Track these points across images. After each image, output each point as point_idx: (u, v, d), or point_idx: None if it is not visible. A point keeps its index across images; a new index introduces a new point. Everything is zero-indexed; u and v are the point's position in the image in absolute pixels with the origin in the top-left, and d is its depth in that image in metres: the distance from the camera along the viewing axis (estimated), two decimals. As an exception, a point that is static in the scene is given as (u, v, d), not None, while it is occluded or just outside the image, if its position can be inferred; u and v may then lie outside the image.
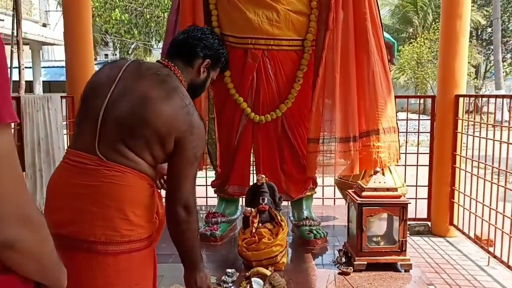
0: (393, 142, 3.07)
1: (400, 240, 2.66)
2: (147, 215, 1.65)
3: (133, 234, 1.58)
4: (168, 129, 1.63)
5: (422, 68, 20.29)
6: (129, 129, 1.62)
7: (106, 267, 1.56)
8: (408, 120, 4.82)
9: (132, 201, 1.60)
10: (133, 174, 1.62)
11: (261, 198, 2.79)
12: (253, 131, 3.18)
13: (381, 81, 3.01)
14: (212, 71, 1.94)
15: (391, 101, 3.06)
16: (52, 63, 20.48)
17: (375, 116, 3.00)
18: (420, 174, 4.62)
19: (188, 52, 1.85)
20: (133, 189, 1.61)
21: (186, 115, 1.66)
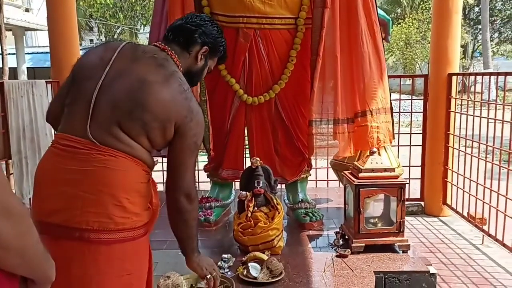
0: (387, 123, 3.02)
1: (397, 221, 2.63)
2: (142, 202, 1.59)
3: (127, 222, 1.52)
4: (168, 114, 1.60)
5: (411, 49, 20.29)
6: (127, 112, 1.56)
7: (98, 256, 1.49)
8: (401, 100, 4.78)
9: (126, 187, 1.54)
10: (128, 159, 1.56)
11: (256, 181, 2.73)
12: (246, 113, 3.11)
13: (376, 61, 2.96)
14: (209, 60, 1.89)
15: (385, 81, 3.01)
16: (36, 49, 20.05)
17: (370, 96, 2.95)
18: (413, 154, 4.60)
19: (186, 37, 1.80)
20: (127, 174, 1.55)
21: (185, 100, 1.63)
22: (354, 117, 2.98)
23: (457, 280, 3.15)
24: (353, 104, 2.97)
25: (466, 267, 3.37)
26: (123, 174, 1.54)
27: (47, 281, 0.91)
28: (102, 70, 1.59)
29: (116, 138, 1.55)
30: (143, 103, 1.57)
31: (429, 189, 4.64)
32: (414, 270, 2.43)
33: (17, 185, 3.67)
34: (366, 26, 2.93)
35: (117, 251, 1.52)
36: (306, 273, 2.40)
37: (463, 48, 20.79)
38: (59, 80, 4.44)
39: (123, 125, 1.56)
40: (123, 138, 1.56)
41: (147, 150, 1.63)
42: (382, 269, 2.43)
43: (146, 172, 1.62)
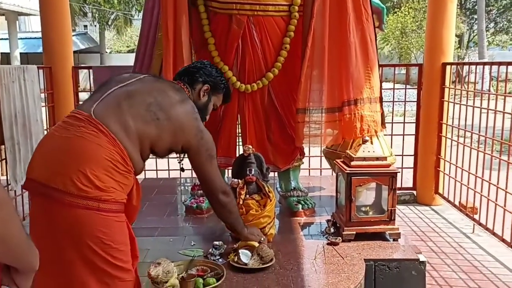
0: (376, 112, 3.02)
1: (389, 210, 2.64)
2: (110, 181, 1.67)
3: (90, 192, 1.61)
4: (181, 123, 1.92)
5: (406, 38, 20.24)
6: (144, 103, 1.85)
7: (65, 215, 1.61)
8: (395, 89, 4.78)
9: (93, 160, 1.65)
10: (108, 139, 1.69)
11: (248, 169, 2.72)
12: (239, 101, 3.09)
13: (362, 51, 2.95)
14: (213, 96, 2.25)
15: (375, 72, 3.00)
16: (30, 34, 19.85)
17: (354, 86, 2.95)
18: (406, 143, 4.61)
19: (190, 77, 2.19)
20: (99, 149, 1.67)
21: (195, 120, 1.99)
22: (341, 106, 2.98)
23: (447, 268, 3.18)
24: (339, 94, 2.97)
25: (457, 256, 3.40)
26: (95, 147, 1.66)
27: (31, 270, 0.89)
28: (127, 80, 1.91)
29: (118, 122, 1.74)
30: (160, 103, 1.87)
31: (421, 178, 4.66)
32: (404, 258, 2.45)
33: (11, 170, 3.65)
34: (355, 16, 2.92)
35: (83, 217, 1.61)
36: (297, 260, 2.41)
37: (458, 38, 20.79)
38: (51, 66, 4.41)
39: (134, 112, 1.79)
40: (125, 124, 1.75)
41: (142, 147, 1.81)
42: (373, 256, 2.45)
43: (122, 159, 1.72)
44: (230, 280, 2.18)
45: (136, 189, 1.86)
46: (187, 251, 2.54)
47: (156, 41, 3.06)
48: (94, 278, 1.66)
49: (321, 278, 2.22)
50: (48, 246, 1.59)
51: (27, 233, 0.85)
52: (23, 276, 0.88)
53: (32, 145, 3.81)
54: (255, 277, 2.22)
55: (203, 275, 2.14)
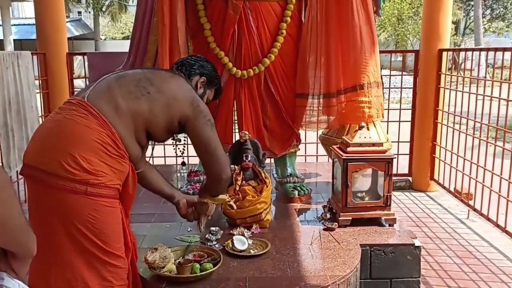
0: (378, 97, 3.01)
1: (384, 195, 2.65)
2: (99, 165, 1.67)
3: (77, 174, 1.62)
4: (174, 94, 1.90)
5: (403, 25, 20.17)
6: (134, 80, 1.84)
7: (53, 199, 1.64)
8: (391, 76, 4.77)
9: (81, 142, 1.65)
10: (98, 121, 1.69)
11: (245, 155, 2.72)
12: (235, 87, 3.07)
13: (366, 35, 2.92)
14: (208, 90, 2.25)
15: (376, 55, 2.98)
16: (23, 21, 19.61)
17: (360, 70, 2.93)
18: (402, 130, 4.62)
19: (187, 68, 2.18)
20: (87, 131, 1.67)
21: (189, 90, 1.99)
22: (346, 91, 2.96)
23: (442, 253, 3.21)
24: (344, 78, 2.95)
25: (451, 241, 3.43)
26: (84, 130, 1.67)
27: (29, 255, 0.89)
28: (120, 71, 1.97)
29: (110, 103, 1.74)
30: (149, 77, 1.88)
31: (417, 165, 4.68)
32: (399, 243, 2.46)
33: (5, 157, 3.63)
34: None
35: (71, 201, 1.63)
36: (293, 246, 2.42)
37: (454, 25, 20.74)
38: (45, 52, 4.37)
39: (124, 90, 1.79)
40: (116, 104, 1.74)
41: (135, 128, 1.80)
42: (368, 242, 2.46)
43: (113, 142, 1.72)
44: (227, 265, 2.19)
45: (132, 177, 1.85)
46: (184, 237, 2.55)
47: (151, 26, 3.03)
48: (84, 262, 1.67)
49: (318, 263, 2.24)
50: (40, 229, 1.60)
51: (26, 218, 0.84)
52: (20, 261, 0.88)
53: (27, 132, 3.79)
54: (252, 262, 2.23)
55: (199, 261, 2.15)
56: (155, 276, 2.06)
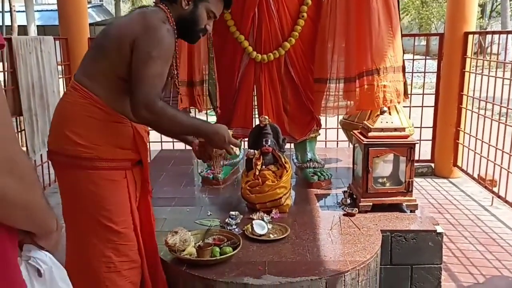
0: (395, 82, 2.95)
1: (406, 181, 2.61)
2: (91, 136, 1.69)
3: (71, 149, 1.69)
4: (121, 32, 1.69)
5: (427, 8, 19.70)
6: (96, 45, 1.77)
7: (60, 176, 1.76)
8: (414, 60, 4.67)
9: (71, 118, 1.71)
10: (79, 93, 1.71)
11: (265, 140, 2.71)
12: (255, 71, 3.05)
13: (384, 19, 2.86)
14: (202, 2, 1.84)
15: (396, 40, 2.92)
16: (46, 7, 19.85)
17: (376, 55, 2.87)
18: (425, 116, 4.53)
19: None
20: (74, 107, 1.71)
21: (141, 18, 1.71)
22: (361, 76, 2.91)
23: (464, 240, 3.16)
24: (360, 62, 2.90)
25: (474, 228, 3.37)
26: (70, 106, 1.72)
27: (48, 233, 0.91)
28: None
29: (84, 73, 1.75)
30: (106, 31, 1.76)
31: (440, 151, 4.60)
32: (421, 229, 2.43)
33: (29, 141, 3.69)
34: None
35: (71, 175, 1.71)
36: (313, 231, 2.41)
37: (481, 8, 20.16)
38: (67, 37, 4.41)
39: (92, 57, 1.76)
40: (89, 71, 1.74)
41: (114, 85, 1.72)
42: (389, 228, 2.43)
43: (98, 109, 1.71)
44: (247, 249, 2.19)
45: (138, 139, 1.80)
46: (204, 220, 2.56)
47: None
48: (86, 236, 1.74)
49: (337, 248, 2.22)
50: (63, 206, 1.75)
51: (47, 200, 0.85)
52: (42, 238, 0.90)
53: (49, 116, 3.85)
54: (271, 246, 2.23)
55: (219, 244, 2.16)
56: (175, 259, 2.08)
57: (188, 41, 2.02)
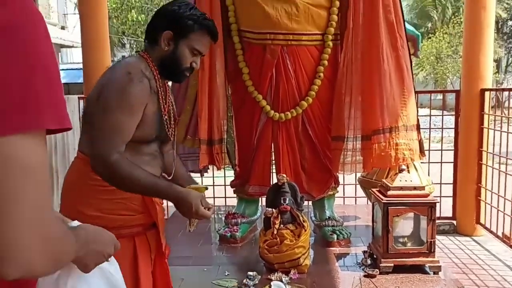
0: (412, 140, 2.97)
1: (428, 241, 2.55)
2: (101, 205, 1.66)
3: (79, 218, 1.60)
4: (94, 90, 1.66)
5: (442, 63, 19.95)
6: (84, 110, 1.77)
7: None
8: (431, 116, 4.69)
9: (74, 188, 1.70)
10: (82, 161, 1.69)
11: (283, 198, 2.70)
12: (273, 129, 3.10)
13: (396, 80, 2.94)
14: (182, 40, 1.75)
15: (408, 100, 2.98)
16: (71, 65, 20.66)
17: (389, 113, 2.93)
18: (444, 171, 4.49)
19: (149, 31, 1.80)
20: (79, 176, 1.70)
21: (109, 71, 1.69)
22: (374, 134, 2.95)
23: (492, 304, 3.03)
24: (373, 121, 2.95)
25: (501, 290, 3.24)
26: (76, 176, 1.71)
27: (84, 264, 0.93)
28: None
29: (84, 141, 1.72)
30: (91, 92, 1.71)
31: (461, 208, 4.50)
32: (445, 292, 2.35)
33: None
34: (389, 43, 2.93)
35: None
36: (333, 293, 2.35)
37: (496, 63, 20.33)
38: (91, 96, 4.55)
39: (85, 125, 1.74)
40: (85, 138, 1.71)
41: None
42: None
43: None
44: (265, 312, 2.14)
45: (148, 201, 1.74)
46: (221, 281, 2.52)
47: (191, 71, 3.12)
48: None
49: (358, 312, 2.15)
50: None
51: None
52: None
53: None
54: (290, 309, 2.17)
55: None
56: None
57: (174, 81, 1.98)
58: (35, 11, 0.64)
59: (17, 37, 0.59)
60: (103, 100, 1.60)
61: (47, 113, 0.61)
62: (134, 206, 1.72)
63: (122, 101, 1.60)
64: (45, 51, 0.64)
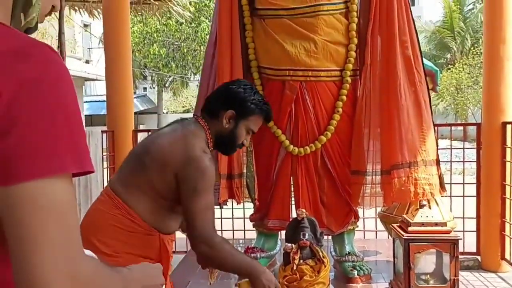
0: (432, 175, 2.96)
1: (451, 279, 2.50)
2: (115, 245, 1.71)
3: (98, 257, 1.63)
4: (164, 156, 1.77)
5: (462, 94, 19.83)
6: (136, 157, 1.85)
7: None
8: (452, 148, 4.65)
9: (98, 225, 1.73)
10: (113, 201, 1.75)
11: (302, 233, 2.69)
12: (292, 164, 3.12)
13: (416, 113, 2.96)
14: (242, 120, 1.95)
15: (430, 133, 2.99)
16: (94, 98, 21.21)
17: (410, 148, 2.94)
18: (467, 204, 4.41)
19: (212, 105, 1.97)
20: (104, 214, 1.74)
21: (184, 146, 1.78)
22: (393, 169, 2.95)
23: None
24: (392, 156, 2.96)
25: (530, 330, 3.12)
26: (101, 214, 1.75)
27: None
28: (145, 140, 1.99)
29: (121, 183, 1.79)
30: (146, 145, 1.87)
31: (485, 243, 4.40)
32: (470, 333, 2.28)
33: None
34: (407, 79, 2.96)
35: None
36: (353, 332, 2.31)
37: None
38: (114, 130, 4.66)
39: (131, 169, 1.82)
40: (127, 183, 1.78)
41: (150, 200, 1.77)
42: (436, 330, 2.30)
43: (130, 220, 1.73)
44: None
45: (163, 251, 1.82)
46: (240, 317, 2.49)
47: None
48: None
49: None
50: None
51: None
52: None
53: (92, 206, 3.98)
54: None
55: None
56: None
57: (224, 153, 2.14)
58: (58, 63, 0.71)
59: (42, 89, 0.66)
60: (189, 182, 1.74)
61: (70, 158, 0.66)
62: (150, 252, 1.78)
63: (206, 182, 1.76)
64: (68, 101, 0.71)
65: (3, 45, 0.67)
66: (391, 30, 2.95)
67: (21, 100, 0.64)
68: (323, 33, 2.96)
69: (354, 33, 3.03)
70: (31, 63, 0.67)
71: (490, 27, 4.36)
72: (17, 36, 0.71)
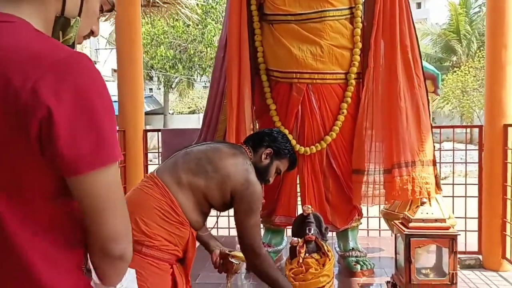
0: (431, 175, 3.11)
1: (450, 273, 2.61)
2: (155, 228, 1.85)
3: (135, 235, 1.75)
4: (227, 172, 2.00)
5: (468, 97, 19.81)
6: (196, 159, 2.01)
7: None
8: (455, 150, 4.75)
9: (143, 208, 1.87)
10: (161, 191, 1.90)
11: (308, 228, 2.81)
12: (299, 163, 3.23)
13: (414, 115, 3.09)
14: (276, 160, 2.26)
15: (427, 135, 3.14)
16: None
17: (408, 149, 3.09)
18: (469, 205, 4.50)
19: (256, 141, 2.28)
20: (149, 198, 1.89)
21: (245, 170, 2.05)
22: (393, 168, 3.08)
23: None
24: (391, 155, 3.10)
25: (527, 326, 3.22)
26: (147, 197, 1.90)
27: None
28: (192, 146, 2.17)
29: (173, 176, 1.94)
30: (210, 156, 2.04)
31: (487, 242, 4.48)
32: (468, 324, 2.39)
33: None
34: (407, 83, 3.10)
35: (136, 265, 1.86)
36: (356, 322, 2.42)
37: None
38: (125, 129, 4.80)
39: (188, 170, 1.96)
40: (180, 179, 1.93)
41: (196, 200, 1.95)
42: (434, 321, 2.41)
43: (172, 210, 1.89)
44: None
45: (191, 242, 1.99)
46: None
47: (221, 107, 3.33)
48: None
49: None
50: None
51: None
52: None
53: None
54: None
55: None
56: None
57: None
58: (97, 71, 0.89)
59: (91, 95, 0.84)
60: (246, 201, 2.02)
61: (118, 149, 0.88)
62: (179, 241, 1.94)
63: (258, 205, 2.08)
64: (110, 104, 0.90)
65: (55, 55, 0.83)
66: (393, 35, 3.08)
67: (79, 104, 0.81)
68: (329, 38, 3.09)
69: (358, 38, 3.16)
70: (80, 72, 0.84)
71: (492, 33, 4.45)
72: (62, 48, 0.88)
